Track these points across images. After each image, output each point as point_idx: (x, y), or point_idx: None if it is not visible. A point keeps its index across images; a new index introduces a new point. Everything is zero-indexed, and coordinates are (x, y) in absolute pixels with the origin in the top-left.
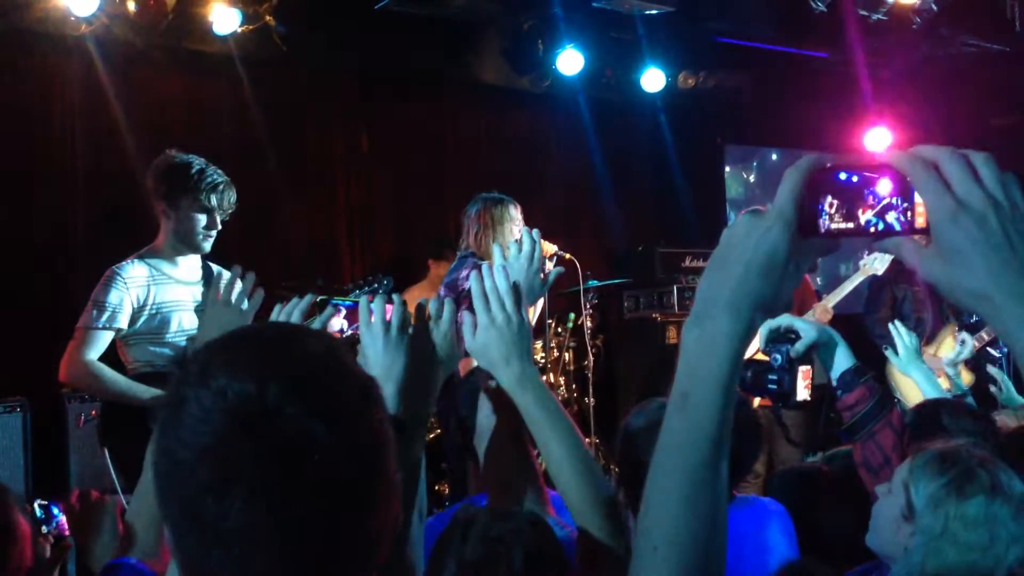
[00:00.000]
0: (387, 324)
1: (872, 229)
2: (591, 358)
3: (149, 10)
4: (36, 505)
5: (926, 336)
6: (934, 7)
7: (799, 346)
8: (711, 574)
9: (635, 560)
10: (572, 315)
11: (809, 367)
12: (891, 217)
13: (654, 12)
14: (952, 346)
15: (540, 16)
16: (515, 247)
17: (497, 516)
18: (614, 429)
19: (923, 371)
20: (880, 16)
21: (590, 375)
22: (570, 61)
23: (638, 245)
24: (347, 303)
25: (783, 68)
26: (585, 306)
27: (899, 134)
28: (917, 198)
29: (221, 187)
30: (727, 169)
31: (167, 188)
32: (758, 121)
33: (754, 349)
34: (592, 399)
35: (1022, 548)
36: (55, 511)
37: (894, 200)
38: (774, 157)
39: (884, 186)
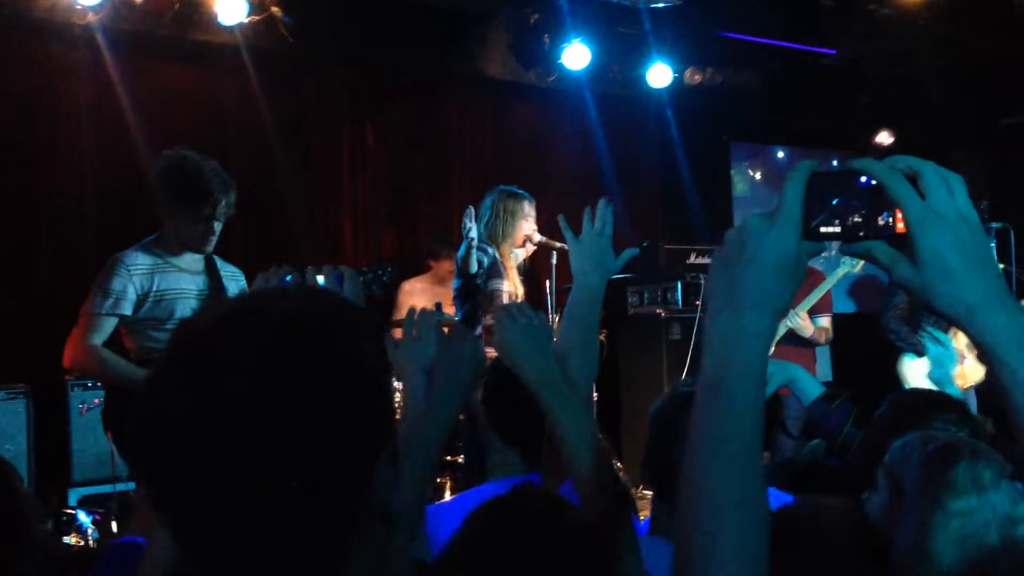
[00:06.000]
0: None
1: (854, 233)
2: None
3: None
4: (62, 512)
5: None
6: (941, 2)
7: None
8: (763, 557)
9: (688, 552)
10: None
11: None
12: (872, 222)
13: (661, 6)
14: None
15: (546, 10)
16: (588, 223)
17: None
18: (617, 423)
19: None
20: (887, 12)
21: None
22: (576, 55)
23: (643, 241)
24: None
25: (790, 65)
26: None
27: (907, 131)
28: (896, 205)
29: (216, 193)
30: (733, 166)
31: (164, 195)
32: (765, 118)
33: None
34: (595, 393)
35: (1009, 506)
36: (81, 518)
37: (875, 207)
38: (780, 155)
39: (865, 193)
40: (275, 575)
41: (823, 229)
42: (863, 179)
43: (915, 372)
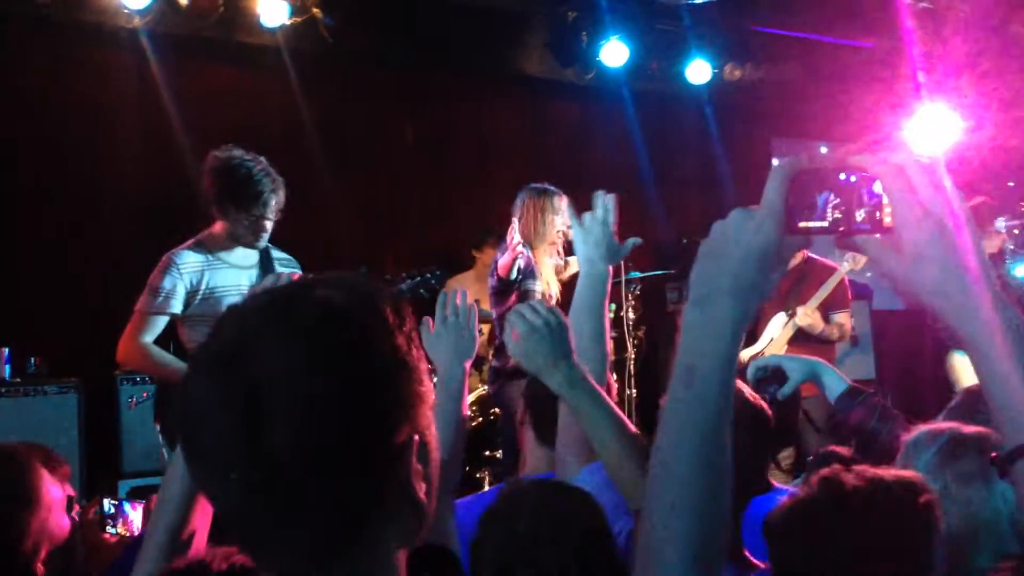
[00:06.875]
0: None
1: (842, 227)
2: (631, 349)
3: (200, 2)
4: (106, 502)
5: None
6: None
7: (786, 389)
8: (721, 530)
9: (650, 529)
10: (614, 306)
11: None
12: (859, 216)
13: (699, 2)
14: None
15: (584, 7)
16: (590, 212)
17: (551, 490)
18: (655, 420)
19: None
20: (926, 4)
21: (631, 366)
22: (614, 52)
23: (682, 237)
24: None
25: (830, 59)
26: (627, 297)
27: (950, 124)
28: (884, 199)
29: (266, 194)
30: (774, 162)
31: (215, 193)
32: (805, 113)
33: (762, 345)
34: (634, 390)
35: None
36: (127, 509)
37: (863, 200)
38: (822, 150)
39: (854, 187)
40: (304, 552)
41: (808, 224)
42: (849, 175)
43: (966, 367)
